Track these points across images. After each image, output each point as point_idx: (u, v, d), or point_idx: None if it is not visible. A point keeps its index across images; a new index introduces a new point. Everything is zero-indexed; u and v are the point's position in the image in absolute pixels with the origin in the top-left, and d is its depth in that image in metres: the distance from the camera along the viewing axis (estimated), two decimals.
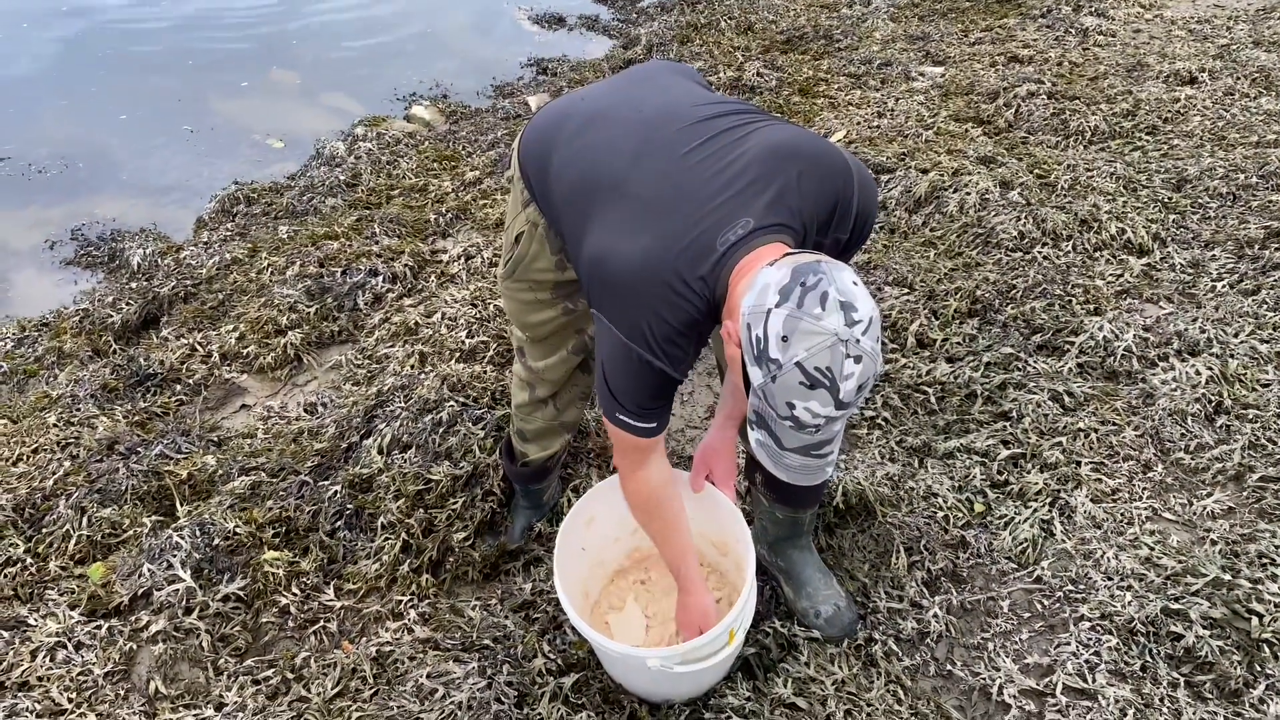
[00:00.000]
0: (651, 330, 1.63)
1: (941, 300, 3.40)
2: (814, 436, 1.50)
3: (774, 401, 1.47)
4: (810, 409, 1.44)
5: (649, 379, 1.69)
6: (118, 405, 3.31)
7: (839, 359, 1.41)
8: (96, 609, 2.51)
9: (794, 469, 1.58)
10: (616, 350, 1.68)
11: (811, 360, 1.41)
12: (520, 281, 2.12)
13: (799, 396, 1.44)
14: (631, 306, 1.65)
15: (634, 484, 1.92)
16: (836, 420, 1.48)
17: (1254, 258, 3.52)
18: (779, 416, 1.48)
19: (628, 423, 1.76)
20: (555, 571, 2.00)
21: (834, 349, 1.41)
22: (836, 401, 1.44)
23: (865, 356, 1.43)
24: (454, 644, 2.31)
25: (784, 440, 1.52)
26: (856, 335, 1.41)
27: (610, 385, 1.73)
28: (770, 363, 1.44)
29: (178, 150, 5.65)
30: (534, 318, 2.17)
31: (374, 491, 2.73)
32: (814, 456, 1.55)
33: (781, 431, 1.51)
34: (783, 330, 1.42)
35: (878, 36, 6.38)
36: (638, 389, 1.71)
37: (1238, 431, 2.78)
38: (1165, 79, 5.17)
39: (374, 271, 3.91)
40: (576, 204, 1.79)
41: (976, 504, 2.64)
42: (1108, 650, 2.19)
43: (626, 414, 1.75)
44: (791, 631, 2.28)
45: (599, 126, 1.83)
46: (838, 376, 1.42)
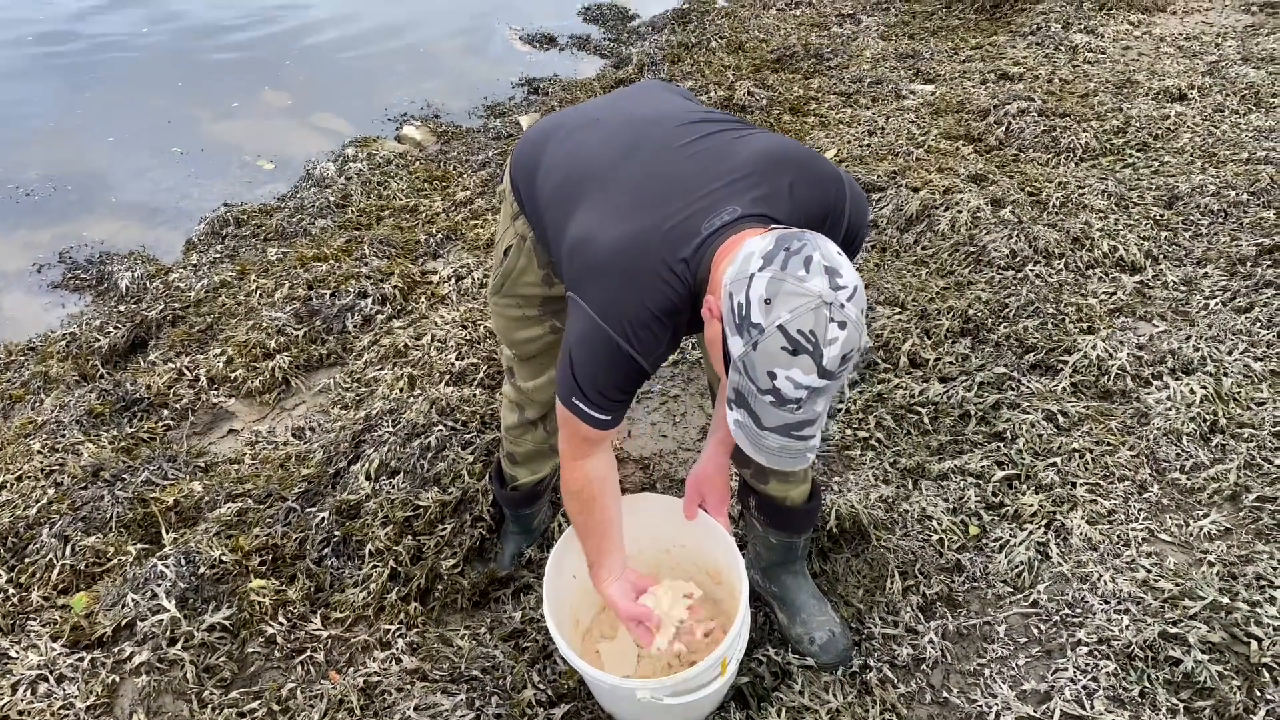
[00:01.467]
0: (626, 312, 1.60)
1: (934, 319, 3.39)
2: (795, 414, 1.44)
3: (754, 372, 1.42)
4: (792, 378, 1.39)
5: (616, 367, 1.64)
6: (104, 431, 3.27)
7: (823, 322, 1.37)
8: (79, 640, 2.47)
9: (773, 451, 1.50)
10: (588, 333, 1.64)
11: (794, 323, 1.37)
12: (508, 297, 2.10)
13: (781, 364, 1.39)
14: (609, 286, 1.62)
15: (574, 473, 1.86)
16: (819, 394, 1.43)
17: (1246, 275, 3.51)
18: (759, 390, 1.43)
19: (584, 410, 1.71)
20: (545, 601, 1.97)
21: (818, 311, 1.37)
22: (820, 369, 1.39)
23: (850, 324, 1.39)
24: (442, 675, 2.27)
25: (764, 419, 1.46)
26: (841, 300, 1.38)
27: (575, 370, 1.69)
28: (752, 328, 1.40)
29: (167, 172, 5.63)
30: (522, 334, 2.15)
31: (362, 518, 2.69)
32: (794, 437, 1.48)
33: (761, 409, 1.45)
34: (765, 293, 1.39)
35: (868, 55, 6.39)
36: (603, 376, 1.67)
37: (1233, 451, 2.76)
38: (1155, 96, 5.18)
39: (363, 293, 3.89)
40: (563, 199, 1.78)
41: (971, 526, 2.61)
42: (1105, 676, 2.16)
43: (585, 402, 1.70)
44: (785, 659, 2.25)
45: (590, 130, 1.86)
46: (821, 340, 1.38)
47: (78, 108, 6.40)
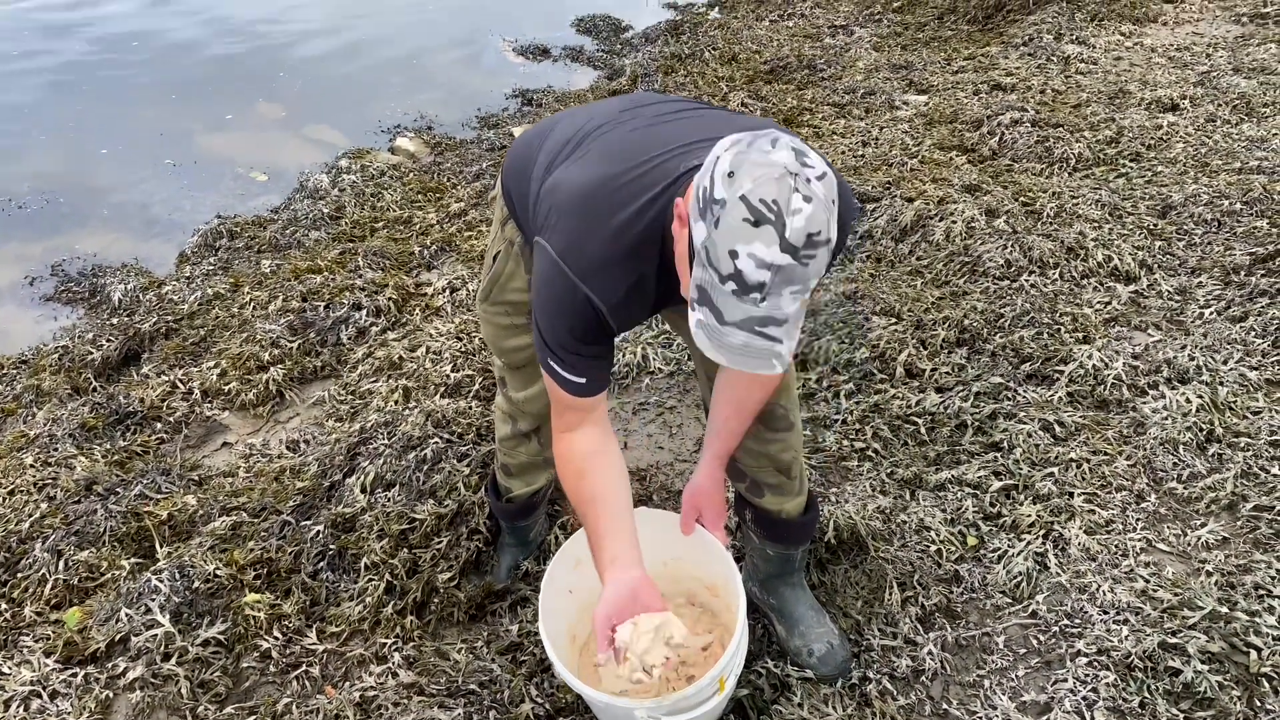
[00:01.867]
0: (587, 251, 1.58)
1: (929, 330, 3.39)
2: (759, 307, 1.35)
3: (716, 255, 1.35)
4: (754, 254, 1.32)
5: (576, 313, 1.61)
6: (97, 444, 3.26)
7: (786, 191, 1.32)
8: (73, 656, 2.45)
9: (735, 349, 1.39)
10: (549, 275, 1.61)
11: (757, 192, 1.32)
12: (497, 305, 2.10)
13: (742, 238, 1.32)
14: (572, 226, 1.61)
15: (561, 446, 1.82)
16: (784, 280, 1.34)
17: (1240, 284, 3.52)
18: (721, 278, 1.35)
19: (556, 370, 1.68)
20: (541, 618, 1.95)
21: (781, 181, 1.32)
22: (783, 241, 1.31)
23: (816, 200, 1.33)
24: (439, 689, 2.25)
25: (725, 312, 1.37)
26: (808, 175, 1.34)
27: (539, 321, 1.66)
28: (714, 205, 1.35)
29: (160, 184, 5.62)
30: (510, 343, 2.14)
31: (357, 531, 2.68)
32: (758, 334, 1.38)
33: (723, 301, 1.37)
34: (729, 166, 1.35)
35: (861, 66, 6.41)
36: (562, 324, 1.62)
37: (1230, 460, 2.76)
38: (1147, 106, 5.20)
39: (357, 305, 3.88)
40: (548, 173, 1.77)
41: (969, 537, 2.60)
42: (1105, 686, 2.15)
43: (555, 359, 1.67)
44: (784, 671, 2.23)
45: (580, 116, 1.87)
46: (784, 210, 1.31)
47: (70, 120, 6.39)
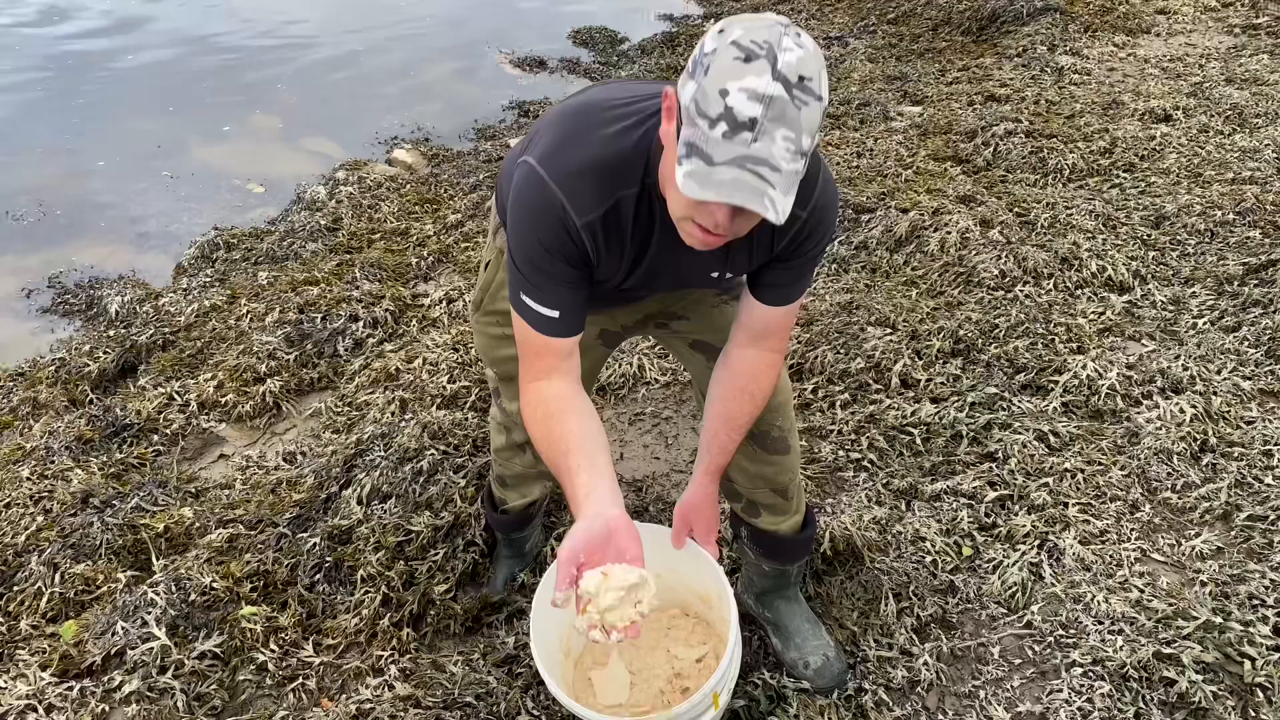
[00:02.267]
0: (568, 159, 1.54)
1: (924, 340, 3.40)
2: (750, 148, 1.29)
3: (705, 102, 1.30)
4: (745, 88, 1.27)
5: (547, 222, 1.55)
6: (93, 457, 3.25)
7: (777, 35, 1.29)
8: (68, 669, 2.44)
9: (724, 184, 1.30)
10: (522, 185, 1.57)
11: (748, 35, 1.29)
12: (488, 315, 2.09)
13: (733, 76, 1.28)
14: (558, 131, 1.59)
15: (529, 395, 1.69)
16: (777, 118, 1.28)
17: (1233, 294, 3.53)
18: (711, 123, 1.29)
19: (527, 305, 1.62)
20: (532, 637, 1.94)
21: (772, 28, 1.31)
22: (774, 71, 1.27)
23: (808, 51, 1.31)
24: (435, 701, 2.25)
25: (715, 154, 1.30)
26: (798, 31, 1.32)
27: (511, 242, 1.62)
28: (704, 58, 1.32)
29: (157, 196, 5.62)
30: (502, 353, 2.12)
31: (353, 543, 2.68)
32: (749, 171, 1.30)
33: (713, 146, 1.30)
34: (721, 25, 1.34)
35: (855, 77, 6.44)
36: (533, 234, 1.56)
37: (1224, 470, 2.77)
38: (1141, 117, 5.23)
39: (354, 317, 3.88)
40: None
41: (965, 547, 2.61)
42: (1100, 697, 2.16)
43: (526, 287, 1.60)
44: (780, 683, 2.24)
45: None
46: (775, 47, 1.28)
47: (67, 132, 6.40)
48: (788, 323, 1.80)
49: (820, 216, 1.65)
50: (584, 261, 1.61)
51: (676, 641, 2.21)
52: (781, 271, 1.70)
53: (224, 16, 8.59)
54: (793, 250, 1.67)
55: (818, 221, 1.65)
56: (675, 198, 1.44)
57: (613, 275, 1.71)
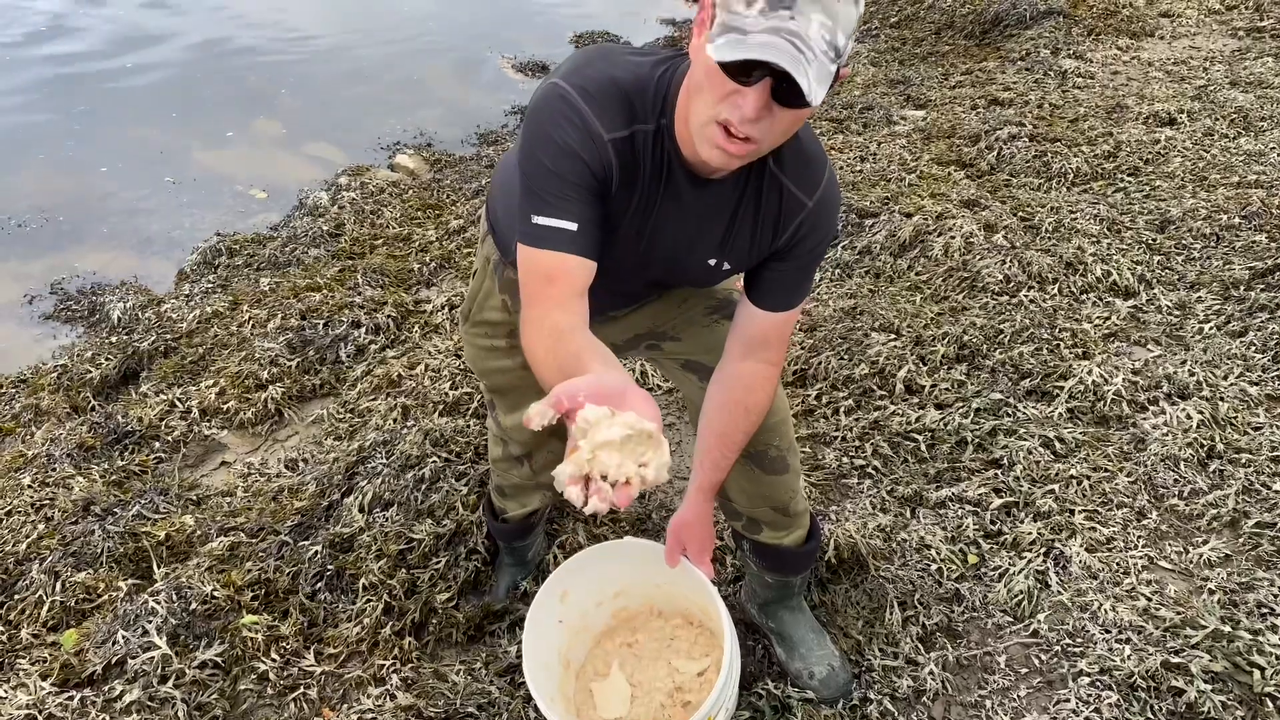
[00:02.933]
0: (591, 69, 1.49)
1: (929, 346, 3.38)
2: (785, 21, 1.26)
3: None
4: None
5: (567, 123, 1.46)
6: (94, 464, 3.24)
7: None
8: (69, 679, 2.43)
9: (762, 45, 1.26)
10: (540, 98, 1.49)
11: None
12: (477, 326, 2.07)
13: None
14: (583, 57, 1.53)
15: (532, 324, 1.47)
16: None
17: (1240, 299, 3.51)
18: (746, 3, 1.27)
19: (540, 224, 1.46)
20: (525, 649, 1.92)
21: None
22: None
23: None
24: (437, 712, 2.23)
25: (749, 28, 1.27)
26: None
27: (522, 158, 1.50)
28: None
29: (160, 202, 5.62)
30: (491, 364, 2.10)
31: (355, 551, 2.67)
32: (786, 39, 1.26)
33: (749, 22, 1.27)
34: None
35: (858, 81, 6.43)
36: (553, 136, 1.46)
37: (1231, 476, 2.75)
38: (1145, 120, 5.21)
39: (356, 323, 3.87)
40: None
41: (970, 555, 2.59)
42: (1108, 707, 2.14)
43: (539, 208, 1.46)
44: (785, 693, 2.22)
45: None
46: None
47: (70, 138, 6.40)
48: (784, 332, 1.76)
49: (824, 211, 1.63)
50: (606, 178, 1.50)
51: (678, 654, 2.19)
52: (781, 272, 1.67)
53: (227, 22, 8.59)
54: (794, 244, 1.64)
55: (820, 215, 1.62)
56: (701, 99, 1.37)
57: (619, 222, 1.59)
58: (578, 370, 1.31)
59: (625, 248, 1.64)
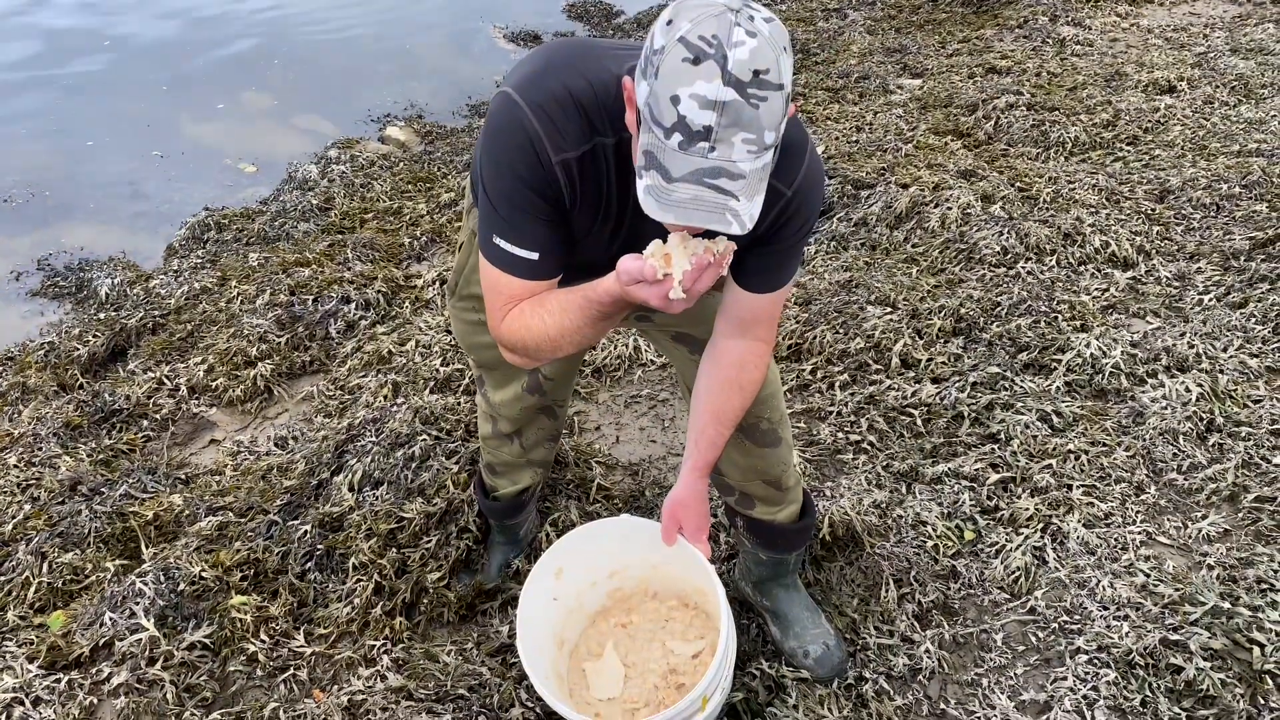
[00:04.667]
0: (546, 82, 1.46)
1: (925, 319, 3.34)
2: (707, 158, 1.25)
3: (659, 107, 1.25)
4: (696, 94, 1.21)
5: (521, 151, 1.45)
6: (82, 443, 3.21)
7: (726, 26, 1.22)
8: (56, 661, 2.40)
9: (685, 203, 1.27)
10: (495, 112, 1.49)
11: (696, 30, 1.22)
12: (464, 299, 2.04)
13: (683, 81, 1.22)
14: (540, 62, 1.51)
15: (507, 327, 1.58)
16: (732, 124, 1.23)
17: (1240, 270, 3.47)
18: (666, 132, 1.25)
19: (504, 249, 1.51)
20: (519, 629, 1.89)
21: (721, 18, 1.22)
22: (724, 74, 1.20)
23: (762, 37, 1.22)
24: (428, 693, 2.21)
25: (672, 169, 1.27)
26: (752, 13, 1.24)
27: (483, 174, 1.52)
28: (654, 56, 1.25)
29: (148, 176, 5.55)
30: (480, 339, 2.05)
31: (345, 530, 2.63)
32: (708, 186, 1.26)
33: (669, 158, 1.26)
34: (669, 16, 1.26)
35: (855, 50, 6.34)
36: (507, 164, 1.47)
37: (1230, 450, 2.72)
38: (1144, 88, 5.15)
39: (346, 298, 3.82)
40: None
41: (966, 531, 2.56)
42: (1106, 685, 2.12)
43: (501, 228, 1.50)
44: (780, 672, 2.20)
45: None
46: (725, 43, 1.21)
47: (55, 112, 6.31)
48: (774, 311, 1.72)
49: (805, 196, 1.58)
50: (559, 201, 1.51)
51: (673, 635, 2.16)
52: (766, 256, 1.62)
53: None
54: (776, 232, 1.59)
55: (802, 201, 1.57)
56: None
57: (587, 233, 1.61)
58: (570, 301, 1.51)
59: (603, 248, 1.66)
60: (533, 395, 2.16)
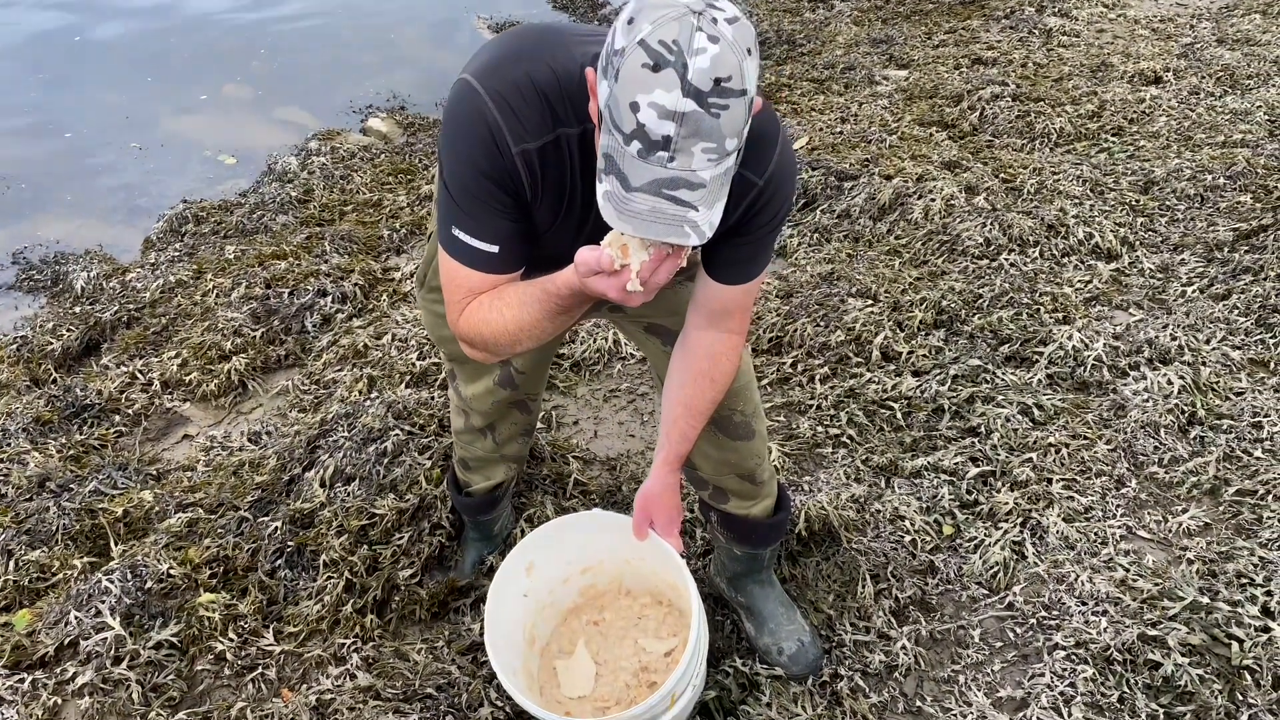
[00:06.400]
0: (506, 70, 1.42)
1: (906, 311, 3.31)
2: (666, 168, 1.23)
3: (618, 112, 1.22)
4: (655, 103, 1.18)
5: (480, 142, 1.42)
6: (51, 439, 3.16)
7: (688, 31, 1.18)
8: (20, 660, 2.36)
9: (642, 215, 1.26)
10: (454, 100, 1.45)
11: (656, 34, 1.18)
12: (434, 292, 1.98)
13: (642, 87, 1.18)
14: (500, 49, 1.46)
15: (466, 322, 1.56)
16: (692, 135, 1.20)
17: (1224, 261, 3.45)
18: (625, 138, 1.22)
19: (464, 241, 1.48)
20: (487, 625, 1.86)
21: (683, 20, 1.18)
22: (684, 85, 1.17)
23: (724, 41, 1.19)
24: (395, 693, 2.17)
25: (631, 177, 1.24)
26: (714, 15, 1.20)
27: (443, 165, 1.49)
28: (614, 57, 1.22)
29: (126, 168, 5.49)
30: (449, 332, 2.01)
31: (316, 527, 2.59)
32: (666, 198, 1.24)
33: (629, 165, 1.24)
34: (630, 14, 1.22)
35: (841, 40, 6.31)
36: (467, 155, 1.43)
37: (1212, 443, 2.70)
38: (1130, 79, 5.12)
39: (323, 291, 3.78)
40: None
41: (945, 526, 2.54)
42: (1084, 681, 2.09)
43: (461, 221, 1.47)
44: (754, 670, 2.16)
45: None
46: (685, 50, 1.17)
47: (32, 103, 6.24)
48: (747, 302, 1.69)
49: (777, 187, 1.54)
50: (519, 193, 1.48)
51: (646, 633, 2.13)
52: (737, 247, 1.59)
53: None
54: (747, 222, 1.56)
55: (774, 192, 1.53)
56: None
57: (550, 226, 1.58)
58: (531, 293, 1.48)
59: (569, 241, 1.60)
60: (505, 389, 2.12)
